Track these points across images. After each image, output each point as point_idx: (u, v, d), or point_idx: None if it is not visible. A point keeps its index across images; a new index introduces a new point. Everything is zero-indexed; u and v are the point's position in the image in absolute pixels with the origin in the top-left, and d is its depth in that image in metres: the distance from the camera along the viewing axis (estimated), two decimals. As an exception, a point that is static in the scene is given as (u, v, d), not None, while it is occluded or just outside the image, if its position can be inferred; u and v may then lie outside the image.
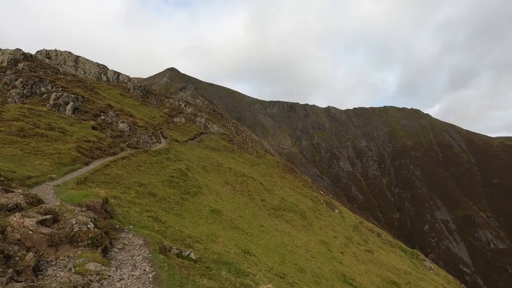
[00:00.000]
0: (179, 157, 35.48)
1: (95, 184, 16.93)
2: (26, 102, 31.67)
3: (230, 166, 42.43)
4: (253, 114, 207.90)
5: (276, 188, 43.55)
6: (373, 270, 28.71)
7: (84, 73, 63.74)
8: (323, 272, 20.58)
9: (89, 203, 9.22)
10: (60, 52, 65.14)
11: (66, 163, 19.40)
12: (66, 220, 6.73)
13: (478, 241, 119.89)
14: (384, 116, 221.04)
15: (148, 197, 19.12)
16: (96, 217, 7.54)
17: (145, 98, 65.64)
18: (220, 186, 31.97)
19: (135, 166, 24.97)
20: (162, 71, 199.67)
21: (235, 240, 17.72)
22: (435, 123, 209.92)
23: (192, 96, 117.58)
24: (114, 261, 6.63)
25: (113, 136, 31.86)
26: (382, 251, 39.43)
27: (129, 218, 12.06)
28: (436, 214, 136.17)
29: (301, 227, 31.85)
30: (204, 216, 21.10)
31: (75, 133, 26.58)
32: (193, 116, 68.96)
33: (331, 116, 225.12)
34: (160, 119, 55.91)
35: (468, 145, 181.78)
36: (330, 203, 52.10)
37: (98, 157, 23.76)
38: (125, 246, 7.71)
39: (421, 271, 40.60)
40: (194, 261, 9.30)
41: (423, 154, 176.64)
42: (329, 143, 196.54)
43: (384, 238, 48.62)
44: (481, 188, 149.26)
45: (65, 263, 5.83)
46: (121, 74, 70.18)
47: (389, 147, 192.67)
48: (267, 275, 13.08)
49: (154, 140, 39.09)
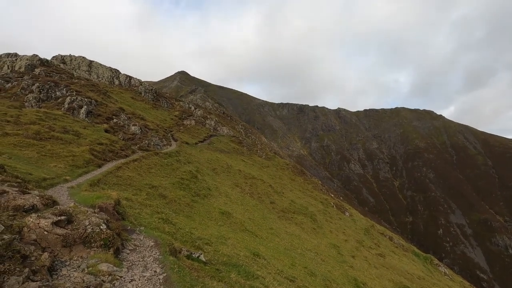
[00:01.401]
0: (189, 160, 35.81)
1: (107, 186, 17.25)
2: (42, 106, 32.68)
3: (240, 168, 42.52)
4: (262, 116, 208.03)
5: (285, 191, 43.34)
6: (385, 274, 28.12)
7: (97, 77, 65.31)
8: (334, 276, 20.30)
9: (102, 204, 9.42)
10: (75, 57, 67.01)
11: (79, 165, 19.86)
12: (80, 221, 6.89)
13: (496, 246, 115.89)
14: (395, 118, 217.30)
15: (158, 199, 19.35)
16: (108, 219, 7.70)
17: (156, 101, 66.68)
18: (229, 188, 32.06)
19: (146, 168, 25.34)
20: (172, 75, 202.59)
21: (245, 243, 17.71)
22: (449, 124, 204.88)
23: (202, 99, 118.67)
24: (126, 262, 6.73)
25: (125, 139, 32.46)
26: (394, 255, 38.59)
27: (140, 220, 12.23)
28: (451, 218, 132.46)
29: (311, 230, 31.54)
30: (214, 218, 21.19)
31: (89, 136, 27.22)
32: (203, 118, 69.56)
33: (341, 118, 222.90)
34: (171, 122, 56.63)
35: (484, 147, 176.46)
36: (340, 206, 51.43)
37: (110, 159, 24.24)
38: (136, 247, 7.82)
39: (435, 277, 39.50)
40: (204, 263, 9.35)
41: (436, 156, 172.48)
42: (339, 145, 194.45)
43: (396, 242, 47.58)
44: (498, 191, 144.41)
45: (79, 263, 5.96)
46: (133, 78, 71.57)
47: (401, 149, 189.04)
48: (276, 278, 13.00)
49: (164, 142, 39.61)
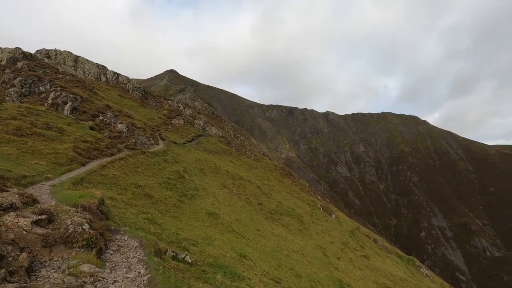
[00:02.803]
0: (176, 159, 35.38)
1: (91, 185, 16.81)
2: (24, 101, 31.54)
3: (228, 169, 42.35)
4: (252, 117, 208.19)
5: (273, 192, 43.47)
6: (369, 276, 28.61)
7: (84, 73, 63.69)
8: (319, 278, 20.48)
9: (85, 203, 9.16)
10: (60, 51, 65.09)
11: (62, 163, 19.27)
12: (61, 221, 6.68)
13: (474, 248, 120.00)
14: (382, 122, 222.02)
15: (144, 198, 19.01)
16: (91, 218, 7.49)
17: (144, 99, 65.61)
18: (217, 189, 31.88)
19: (132, 167, 24.86)
20: (161, 73, 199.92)
21: (231, 244, 17.63)
22: (432, 130, 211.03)
23: (191, 98, 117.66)
24: (109, 263, 6.57)
25: (111, 137, 31.75)
26: (378, 257, 39.33)
27: (125, 220, 11.98)
28: (433, 221, 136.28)
29: (298, 232, 31.75)
30: (201, 219, 20.99)
31: (73, 133, 26.46)
32: (191, 118, 68.95)
33: (329, 121, 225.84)
34: (159, 121, 55.83)
35: (465, 153, 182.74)
36: (327, 208, 52.03)
37: (95, 157, 23.64)
38: (120, 247, 7.65)
39: (417, 278, 40.50)
40: (189, 264, 9.24)
41: (420, 160, 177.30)
42: (327, 148, 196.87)
43: (380, 244, 48.52)
44: (478, 196, 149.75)
45: (59, 264, 5.77)
46: (121, 75, 70.19)
47: (386, 153, 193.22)
48: (262, 280, 13.00)
49: (152, 141, 39.00)
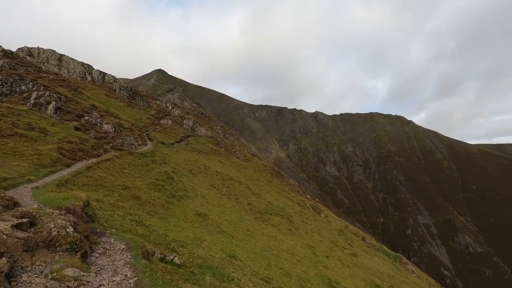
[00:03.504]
0: (165, 160, 34.94)
1: (76, 187, 16.39)
2: (4, 100, 30.45)
3: (217, 170, 42.14)
4: (241, 117, 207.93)
5: (263, 192, 43.53)
6: (358, 273, 29.05)
7: (68, 72, 62.02)
8: (309, 276, 20.64)
9: (69, 206, 8.91)
10: (43, 50, 63.16)
11: (46, 164, 18.70)
12: (44, 224, 6.48)
13: (458, 245, 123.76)
14: (369, 122, 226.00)
15: (132, 200, 18.68)
16: (76, 221, 7.31)
17: (131, 99, 64.48)
18: (206, 190, 31.66)
19: (119, 168, 24.38)
20: (149, 73, 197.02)
21: (221, 244, 17.54)
22: (418, 130, 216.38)
23: (180, 98, 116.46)
24: (94, 266, 6.41)
25: (97, 138, 31.05)
26: (366, 255, 39.98)
27: (112, 222, 11.73)
28: (419, 218, 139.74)
29: (287, 231, 31.90)
30: (190, 220, 20.80)
31: (57, 134, 25.72)
32: (180, 118, 68.23)
33: (318, 121, 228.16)
34: (147, 121, 54.99)
35: (448, 152, 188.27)
36: (316, 207, 52.51)
37: (80, 158, 23.06)
38: (106, 250, 7.48)
39: (403, 275, 41.40)
40: (178, 265, 9.14)
41: (406, 159, 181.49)
42: (316, 148, 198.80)
43: (368, 242, 49.35)
44: (461, 194, 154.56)
45: (41, 268, 5.59)
46: (107, 74, 68.74)
47: (374, 153, 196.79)
48: (252, 280, 12.99)
49: (139, 142, 38.38)
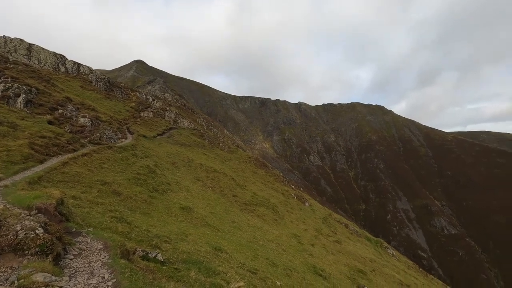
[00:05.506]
0: (146, 153, 33.94)
1: (51, 184, 15.52)
2: (-32, 93, 28.23)
3: (201, 162, 41.55)
4: (224, 109, 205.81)
5: (248, 183, 43.49)
6: (341, 260, 29.85)
7: (39, 63, 58.40)
8: (294, 265, 20.91)
9: (41, 205, 8.31)
10: (10, 39, 58.95)
11: (16, 161, 17.54)
12: (10, 226, 5.95)
13: (434, 227, 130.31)
14: (351, 112, 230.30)
15: (112, 196, 17.98)
16: (47, 221, 6.79)
17: (109, 91, 61.84)
18: (190, 183, 31.15)
19: (98, 163, 23.39)
20: (128, 63, 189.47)
21: (206, 238, 17.32)
22: (397, 119, 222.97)
23: (161, 90, 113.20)
24: (68, 270, 5.99)
25: (73, 132, 29.56)
26: (349, 241, 41.17)
27: (89, 220, 11.17)
28: (398, 204, 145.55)
29: (273, 221, 32.14)
30: (174, 214, 20.38)
31: (28, 128, 24.19)
32: (162, 110, 66.42)
33: (301, 112, 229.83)
34: (126, 114, 53.06)
35: (425, 140, 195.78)
36: (301, 196, 53.24)
37: (55, 154, 21.85)
38: (81, 251, 7.04)
39: (384, 259, 43.08)
40: (161, 262, 8.82)
41: (386, 148, 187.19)
42: (300, 138, 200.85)
43: (351, 228, 50.81)
44: (437, 179, 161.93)
45: (7, 275, 5.12)
46: (82, 65, 65.36)
47: (356, 142, 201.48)
48: (239, 272, 12.90)
49: (119, 135, 36.99)
